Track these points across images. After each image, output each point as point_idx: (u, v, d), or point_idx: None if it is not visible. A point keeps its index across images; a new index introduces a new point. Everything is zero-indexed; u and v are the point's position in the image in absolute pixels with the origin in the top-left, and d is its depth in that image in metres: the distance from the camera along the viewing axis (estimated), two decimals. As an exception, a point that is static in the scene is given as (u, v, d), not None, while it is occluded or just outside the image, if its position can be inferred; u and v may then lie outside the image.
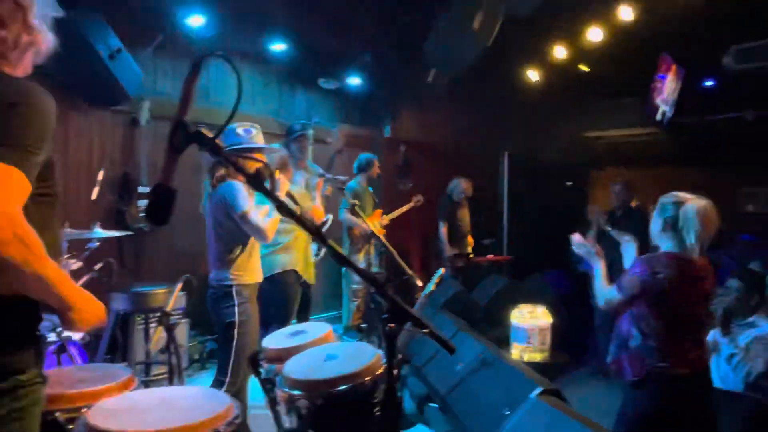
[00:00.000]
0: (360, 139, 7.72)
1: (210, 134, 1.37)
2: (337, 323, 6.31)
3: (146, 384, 3.84)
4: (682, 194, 2.54)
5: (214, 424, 1.81)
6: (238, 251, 3.09)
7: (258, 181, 1.41)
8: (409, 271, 3.76)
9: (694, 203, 2.45)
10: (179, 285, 2.92)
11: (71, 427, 1.86)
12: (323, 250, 4.92)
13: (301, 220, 1.41)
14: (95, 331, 4.19)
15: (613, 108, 9.30)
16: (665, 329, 2.44)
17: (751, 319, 3.32)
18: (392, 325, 1.30)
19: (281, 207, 1.38)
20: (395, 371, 1.37)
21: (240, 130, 3.17)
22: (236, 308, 3.04)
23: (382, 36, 6.93)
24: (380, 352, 2.10)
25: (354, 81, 6.97)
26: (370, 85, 7.14)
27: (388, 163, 7.96)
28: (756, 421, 3.07)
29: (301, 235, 4.25)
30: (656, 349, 2.43)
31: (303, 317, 4.79)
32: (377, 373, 1.98)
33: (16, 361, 1.40)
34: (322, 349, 2.29)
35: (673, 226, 2.48)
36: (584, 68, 7.89)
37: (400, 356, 1.81)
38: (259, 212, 3.07)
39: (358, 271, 1.48)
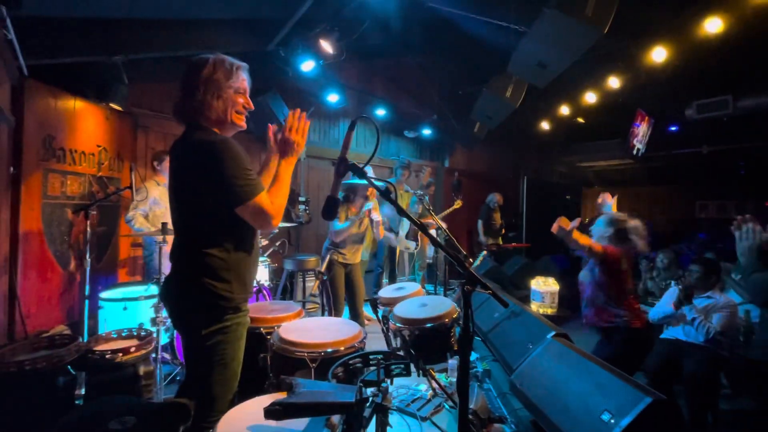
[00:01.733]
0: (429, 169, 7.66)
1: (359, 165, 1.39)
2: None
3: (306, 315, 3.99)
4: (623, 214, 2.46)
5: (352, 341, 1.86)
6: (339, 242, 3.04)
7: (388, 194, 1.41)
8: (464, 252, 3.67)
9: (635, 222, 2.43)
10: (327, 258, 3.02)
11: (269, 337, 1.95)
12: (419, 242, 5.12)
13: (413, 219, 1.39)
14: (276, 281, 4.41)
15: (600, 147, 8.72)
16: (617, 292, 2.33)
17: (708, 293, 2.99)
18: (468, 287, 1.25)
19: (401, 211, 1.34)
20: (470, 314, 1.33)
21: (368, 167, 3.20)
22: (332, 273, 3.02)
23: (444, 103, 6.85)
24: (454, 303, 2.06)
25: (426, 132, 6.90)
26: (436, 134, 7.04)
27: (447, 184, 7.84)
28: (710, 363, 2.80)
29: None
30: (615, 305, 2.32)
31: (392, 280, 4.83)
32: (453, 316, 1.95)
33: (235, 299, 1.41)
34: (417, 299, 2.27)
35: (621, 233, 2.40)
36: (581, 120, 7.42)
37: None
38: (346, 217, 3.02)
39: (446, 251, 1.41)
